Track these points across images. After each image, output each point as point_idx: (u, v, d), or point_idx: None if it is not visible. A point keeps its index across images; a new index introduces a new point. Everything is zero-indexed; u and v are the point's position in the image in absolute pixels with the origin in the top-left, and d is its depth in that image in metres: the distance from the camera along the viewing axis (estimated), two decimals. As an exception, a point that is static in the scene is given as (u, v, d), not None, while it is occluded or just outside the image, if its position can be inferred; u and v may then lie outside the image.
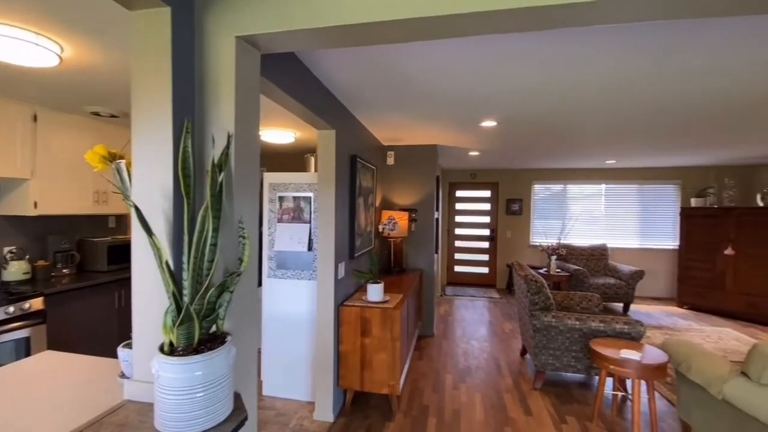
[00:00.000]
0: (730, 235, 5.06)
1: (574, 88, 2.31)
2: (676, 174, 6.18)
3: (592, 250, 5.95)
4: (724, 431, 2.09)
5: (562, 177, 6.61)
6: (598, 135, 3.69)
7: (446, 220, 7.10)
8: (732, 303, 5.02)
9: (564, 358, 2.95)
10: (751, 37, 1.65)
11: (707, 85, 2.25)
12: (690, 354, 2.28)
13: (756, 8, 0.99)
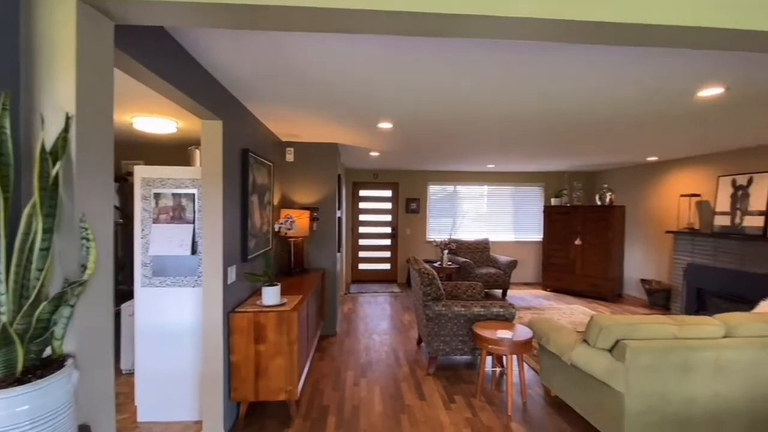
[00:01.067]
0: (577, 228, 6.19)
1: (458, 96, 2.54)
2: (541, 178, 7.31)
3: (477, 244, 6.66)
4: (572, 389, 2.54)
5: (454, 179, 7.24)
6: (480, 142, 4.13)
7: (350, 218, 7.16)
8: (580, 284, 6.15)
9: (453, 342, 3.23)
10: (592, 66, 2.02)
11: (567, 106, 2.70)
12: (548, 329, 2.70)
13: (585, 39, 1.21)
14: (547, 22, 1.08)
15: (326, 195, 4.25)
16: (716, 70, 2.06)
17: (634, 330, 2.18)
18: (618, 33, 1.14)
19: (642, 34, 1.15)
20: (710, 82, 2.24)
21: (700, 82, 2.25)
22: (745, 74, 2.11)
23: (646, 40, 1.20)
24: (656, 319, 2.24)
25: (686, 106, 2.69)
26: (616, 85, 2.31)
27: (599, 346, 2.26)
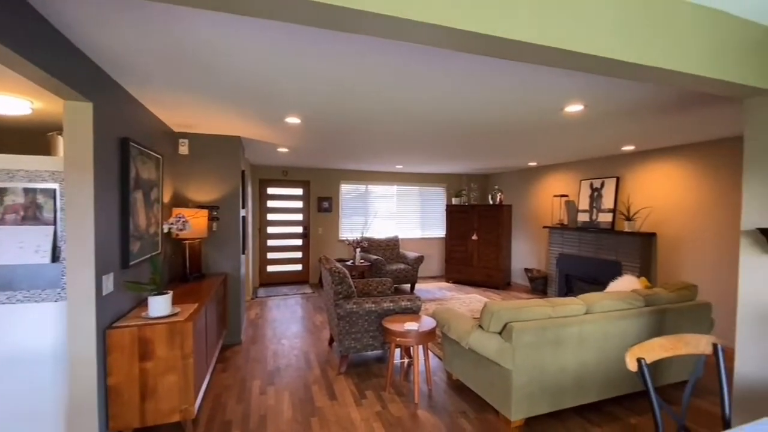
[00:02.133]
0: (474, 225, 6.83)
1: (362, 97, 2.57)
2: (443, 179, 7.87)
3: (388, 241, 6.88)
4: (470, 372, 2.78)
5: (366, 178, 7.36)
6: (385, 142, 4.27)
7: (257, 218, 6.76)
8: (477, 275, 6.79)
9: (364, 339, 3.27)
10: (486, 78, 2.23)
11: (459, 114, 2.94)
12: (449, 318, 2.92)
13: (478, 51, 1.32)
14: (439, 29, 1.15)
15: (228, 192, 3.93)
16: (578, 91, 2.46)
17: (519, 313, 2.48)
18: (487, 45, 1.28)
19: (515, 50, 1.31)
20: (573, 100, 2.66)
21: (566, 100, 2.66)
22: (599, 95, 2.56)
23: (518, 56, 1.36)
24: (535, 303, 2.58)
25: (556, 119, 3.16)
26: (501, 97, 2.59)
27: (491, 329, 2.51)
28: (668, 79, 1.55)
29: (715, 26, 1.52)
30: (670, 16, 1.44)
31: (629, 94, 2.50)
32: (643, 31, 1.39)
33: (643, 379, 1.27)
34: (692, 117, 3.08)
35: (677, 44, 1.45)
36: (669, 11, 1.44)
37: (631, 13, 1.37)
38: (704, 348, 1.42)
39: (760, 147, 1.72)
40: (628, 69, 1.46)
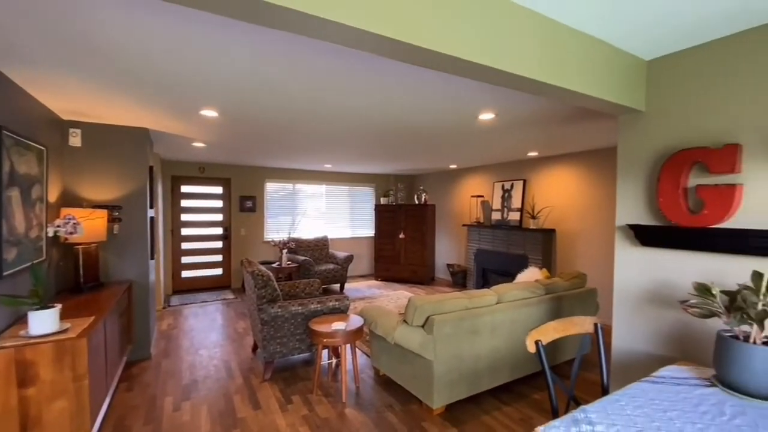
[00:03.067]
0: (402, 224, 7.07)
1: (287, 93, 2.51)
2: (372, 179, 8.00)
3: (317, 241, 6.78)
4: (397, 366, 2.88)
5: (293, 177, 7.14)
6: (315, 142, 4.21)
7: (169, 219, 6.15)
8: (404, 272, 7.04)
9: (290, 343, 3.19)
10: (409, 86, 2.32)
11: (384, 116, 3.01)
12: (377, 315, 2.99)
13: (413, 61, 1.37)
14: (359, 32, 1.18)
15: (133, 191, 3.52)
16: (490, 101, 2.69)
17: (440, 306, 2.64)
18: (409, 52, 1.35)
19: (434, 59, 1.40)
20: (486, 109, 2.90)
21: (480, 109, 2.90)
22: (507, 105, 2.83)
23: (436, 66, 1.46)
24: (454, 296, 2.77)
25: (472, 125, 3.42)
26: (425, 104, 2.73)
27: (415, 323, 2.63)
28: (558, 94, 1.78)
29: (595, 52, 1.79)
30: (558, 40, 1.65)
31: (532, 106, 2.81)
32: (536, 51, 1.58)
33: (540, 358, 1.44)
34: (583, 129, 3.57)
35: (563, 65, 1.67)
36: (557, 36, 1.65)
37: (525, 34, 1.55)
38: (588, 327, 1.66)
39: (629, 157, 2.07)
40: (525, 83, 1.64)
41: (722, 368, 1.48)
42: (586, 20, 1.63)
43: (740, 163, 1.65)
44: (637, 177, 2.02)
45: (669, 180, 1.84)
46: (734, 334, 1.48)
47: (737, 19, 1.58)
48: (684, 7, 1.51)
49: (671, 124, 1.90)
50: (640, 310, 2.02)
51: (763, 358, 1.38)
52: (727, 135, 1.69)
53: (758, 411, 1.34)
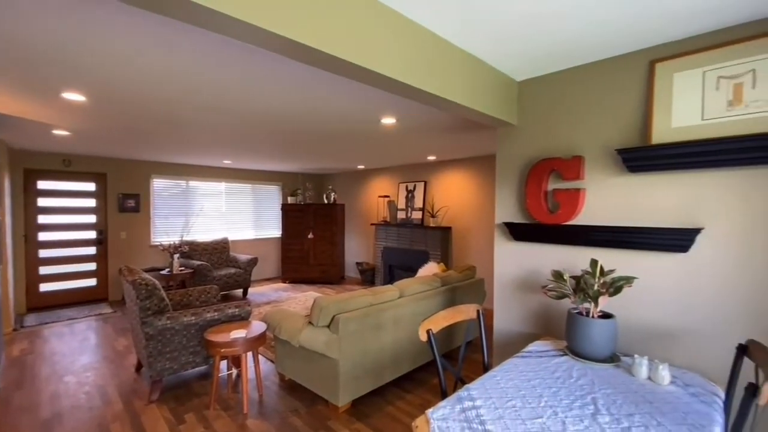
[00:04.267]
0: (310, 224, 6.96)
1: (170, 80, 2.28)
2: (279, 177, 7.70)
3: (215, 244, 6.27)
4: (302, 369, 2.84)
5: (185, 173, 6.47)
6: (212, 137, 3.89)
7: (21, 222, 5.04)
8: (313, 272, 6.95)
9: (182, 357, 2.90)
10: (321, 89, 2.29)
11: (297, 118, 2.93)
12: (280, 319, 2.90)
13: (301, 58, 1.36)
14: (248, 27, 1.14)
15: (-37, 188, 2.80)
16: (391, 106, 2.83)
17: (346, 305, 2.68)
18: (307, 53, 1.36)
19: (334, 64, 1.42)
20: (388, 114, 3.04)
21: (383, 113, 3.02)
22: (406, 112, 3.00)
23: (339, 71, 1.49)
24: (360, 293, 2.84)
25: (376, 128, 3.55)
26: (330, 105, 2.74)
27: (321, 324, 2.63)
28: (446, 106, 1.96)
29: (476, 71, 2.01)
30: (444, 57, 1.82)
31: (427, 114, 3.03)
32: (425, 66, 1.72)
33: (431, 346, 1.58)
34: (472, 137, 3.98)
35: (448, 79, 1.85)
36: (444, 53, 1.82)
37: (418, 49, 1.68)
38: (472, 314, 1.87)
39: (505, 164, 2.38)
40: (417, 93, 1.78)
41: (571, 339, 1.81)
42: (470, 42, 1.82)
43: (584, 171, 2.03)
44: (512, 181, 2.34)
45: (534, 185, 2.17)
46: (579, 311, 1.82)
47: (572, 56, 1.94)
48: (539, 40, 1.80)
49: (536, 137, 2.24)
50: (515, 295, 2.34)
51: (599, 329, 1.73)
52: (575, 148, 2.07)
53: (596, 371, 1.67)
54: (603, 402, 1.40)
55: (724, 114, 1.59)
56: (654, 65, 1.78)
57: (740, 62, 1.56)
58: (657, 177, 1.79)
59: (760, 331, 1.54)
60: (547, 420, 1.28)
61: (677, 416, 1.32)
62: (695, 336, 1.70)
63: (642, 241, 1.81)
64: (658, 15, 1.54)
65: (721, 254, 1.63)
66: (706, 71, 1.64)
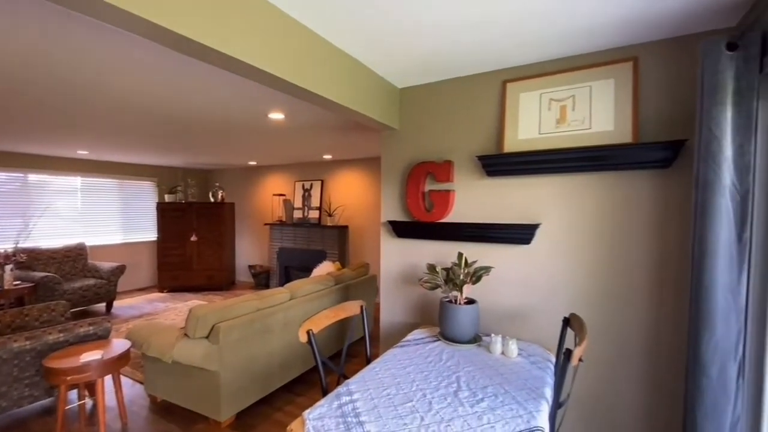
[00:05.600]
0: (193, 225, 6.30)
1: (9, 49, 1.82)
2: (153, 172, 6.76)
3: (68, 251, 5.21)
4: (178, 387, 2.55)
5: (22, 163, 5.21)
6: (59, 121, 3.22)
7: None
8: (198, 279, 6.30)
9: (14, 392, 2.35)
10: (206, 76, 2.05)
11: (172, 106, 2.59)
12: (148, 334, 2.56)
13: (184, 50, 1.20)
14: (123, 13, 0.99)
15: None
16: (278, 101, 2.73)
17: (228, 312, 2.50)
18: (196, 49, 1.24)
19: (220, 59, 1.33)
20: (275, 109, 2.93)
21: (269, 108, 2.90)
22: (295, 108, 2.93)
23: (226, 66, 1.39)
24: (245, 298, 2.68)
25: (264, 123, 3.38)
26: (211, 94, 2.52)
27: (198, 335, 2.40)
28: (330, 106, 1.98)
29: (360, 75, 2.07)
30: (330, 59, 1.84)
31: (317, 113, 3.01)
32: (310, 66, 1.71)
33: (312, 346, 1.58)
34: (363, 139, 4.09)
35: (333, 81, 1.87)
36: (329, 56, 1.83)
37: (302, 49, 1.66)
38: (356, 310, 1.92)
39: (389, 166, 2.51)
40: (301, 92, 1.75)
41: (443, 325, 2.00)
42: (354, 47, 1.86)
43: (453, 174, 2.26)
44: (395, 182, 2.48)
45: (413, 186, 2.33)
46: (449, 299, 2.02)
47: (442, 70, 2.15)
48: (413, 53, 1.94)
49: (415, 141, 2.41)
50: (398, 288, 2.49)
51: (464, 314, 1.95)
52: (446, 153, 2.29)
53: (462, 352, 1.87)
54: (464, 379, 1.58)
55: (553, 130, 1.94)
56: (505, 84, 2.08)
57: (565, 89, 1.93)
58: (509, 180, 2.10)
59: (580, 305, 1.93)
60: (416, 402, 1.39)
61: (520, 382, 1.57)
62: (537, 313, 2.04)
63: (498, 236, 2.10)
64: (508, 42, 1.79)
65: (552, 245, 1.99)
66: (542, 93, 1.98)
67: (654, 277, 1.76)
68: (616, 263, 1.84)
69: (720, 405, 1.36)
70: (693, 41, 1.65)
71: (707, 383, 1.37)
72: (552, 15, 1.55)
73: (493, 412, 1.34)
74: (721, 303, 1.34)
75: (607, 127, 1.80)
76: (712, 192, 1.34)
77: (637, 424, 1.82)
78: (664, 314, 1.74)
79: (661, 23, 1.59)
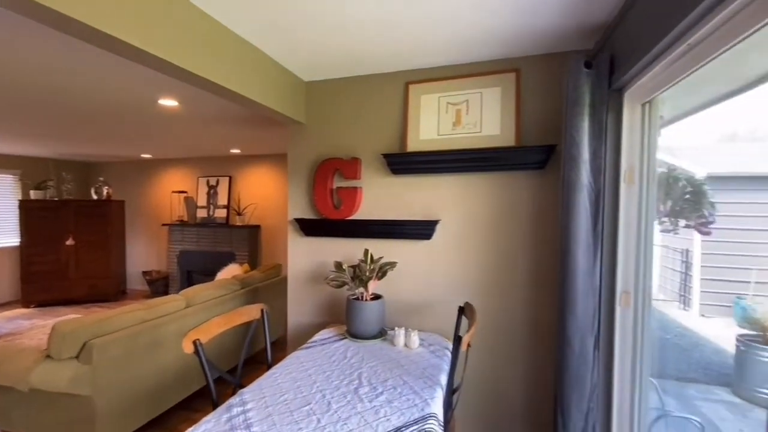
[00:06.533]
0: (70, 226, 5.36)
1: None
2: (15, 163, 5.58)
3: None
4: (39, 420, 2.13)
5: None
6: None
7: None
8: (77, 290, 5.39)
9: None
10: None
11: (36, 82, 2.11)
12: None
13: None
14: None
15: None
16: (169, 86, 2.44)
17: (105, 326, 2.16)
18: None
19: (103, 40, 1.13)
20: (166, 94, 2.62)
21: (159, 93, 2.59)
22: (190, 96, 2.66)
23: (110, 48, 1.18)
24: (128, 309, 2.35)
25: (154, 110, 3.01)
26: (89, 72, 2.14)
27: (66, 356, 2.04)
28: (227, 94, 1.82)
29: (261, 65, 1.95)
30: (227, 45, 1.69)
31: (219, 103, 2.77)
32: (203, 50, 1.55)
33: (199, 357, 1.43)
34: (273, 133, 3.89)
35: (231, 68, 1.73)
36: (226, 41, 1.68)
37: (194, 32, 1.49)
38: (256, 314, 1.81)
39: (296, 161, 2.42)
40: (191, 78, 1.58)
41: (350, 323, 1.99)
42: (255, 36, 1.74)
43: (361, 172, 2.26)
44: (302, 179, 2.40)
45: (321, 182, 2.28)
46: (357, 296, 2.02)
47: (349, 66, 2.14)
48: (317, 48, 1.89)
49: (322, 136, 2.36)
50: (307, 288, 2.42)
51: (370, 310, 1.96)
52: (353, 150, 2.29)
53: (367, 348, 1.88)
54: (366, 375, 1.59)
55: (451, 132, 2.06)
56: (408, 86, 2.15)
57: (460, 93, 2.05)
58: (412, 179, 2.17)
59: (475, 293, 2.08)
60: (314, 405, 1.35)
61: (419, 372, 1.63)
62: (438, 304, 2.15)
63: (402, 232, 2.16)
64: (410, 44, 1.84)
65: (449, 239, 2.12)
66: (440, 97, 2.08)
67: (533, 264, 1.98)
68: (504, 253, 2.02)
69: (581, 374, 1.57)
70: (562, 58, 1.88)
71: (571, 355, 1.58)
72: (443, 23, 1.63)
73: (390, 404, 1.36)
74: (581, 285, 1.56)
75: (494, 131, 1.97)
76: (573, 190, 1.54)
77: (519, 395, 2.02)
78: (542, 296, 1.97)
79: (536, 40, 1.78)
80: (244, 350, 1.72)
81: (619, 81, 1.47)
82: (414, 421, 1.26)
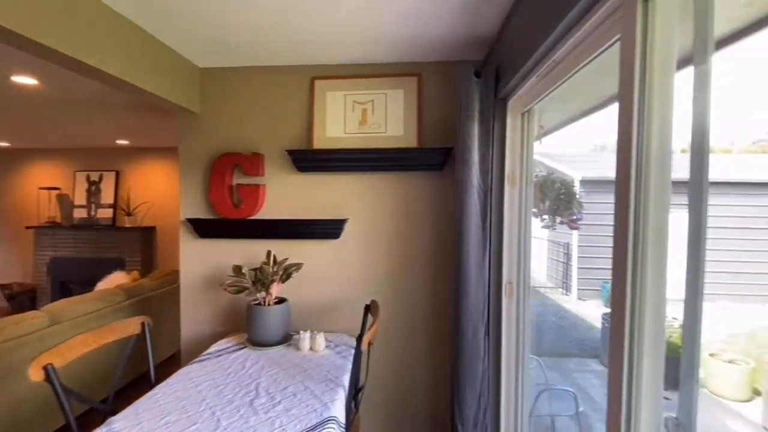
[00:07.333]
0: None
1: None
2: None
3: None
4: None
5: None
6: None
7: None
8: None
9: None
10: None
11: None
12: None
13: None
14: None
15: None
16: (24, 61, 2.02)
17: (-77, 358, 1.70)
18: None
19: None
20: (22, 70, 2.17)
21: (11, 68, 2.13)
22: (55, 75, 2.23)
23: None
24: (-38, 334, 1.89)
25: (7, 88, 2.47)
26: None
27: None
28: (100, 76, 1.56)
29: (140, 43, 1.71)
30: (110, 25, 1.44)
31: (94, 85, 2.37)
32: (75, 27, 1.29)
33: (52, 384, 1.20)
34: (170, 123, 3.49)
35: (108, 48, 1.49)
36: (110, 22, 1.43)
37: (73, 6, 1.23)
38: (134, 329, 1.58)
39: (189, 155, 2.19)
40: (41, 49, 1.31)
41: (251, 330, 1.87)
42: (132, 10, 1.50)
43: (264, 168, 2.14)
44: (196, 174, 2.18)
45: (218, 178, 2.10)
46: (258, 302, 1.90)
47: (250, 54, 2.01)
48: (212, 31, 1.72)
49: (219, 129, 2.17)
50: (203, 296, 2.21)
51: (272, 315, 1.86)
52: (255, 145, 2.15)
53: (268, 356, 1.78)
54: (265, 384, 1.49)
55: (357, 130, 2.05)
56: (314, 81, 2.09)
57: (366, 93, 2.06)
58: (319, 176, 2.12)
59: (381, 290, 2.11)
60: (201, 424, 1.23)
61: (322, 375, 1.59)
62: (347, 303, 2.14)
63: (310, 231, 2.10)
64: (313, 37, 1.78)
65: (357, 238, 2.12)
66: (346, 95, 2.07)
67: (433, 259, 2.08)
68: (407, 249, 2.09)
69: (473, 361, 1.69)
70: (457, 66, 2.00)
71: (464, 343, 1.69)
72: (348, 21, 1.61)
73: (287, 413, 1.30)
74: (472, 276, 1.67)
75: (398, 132, 2.02)
76: (465, 190, 1.65)
77: (421, 387, 2.11)
78: (441, 288, 2.08)
79: (434, 47, 1.87)
80: (119, 372, 1.49)
81: (503, 91, 1.62)
82: (312, 428, 1.22)
